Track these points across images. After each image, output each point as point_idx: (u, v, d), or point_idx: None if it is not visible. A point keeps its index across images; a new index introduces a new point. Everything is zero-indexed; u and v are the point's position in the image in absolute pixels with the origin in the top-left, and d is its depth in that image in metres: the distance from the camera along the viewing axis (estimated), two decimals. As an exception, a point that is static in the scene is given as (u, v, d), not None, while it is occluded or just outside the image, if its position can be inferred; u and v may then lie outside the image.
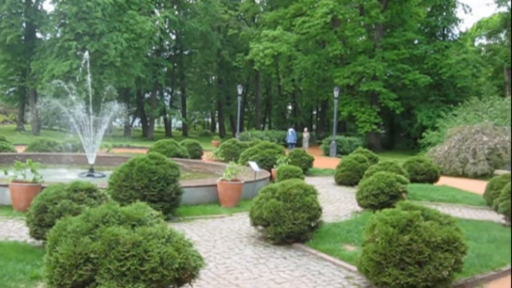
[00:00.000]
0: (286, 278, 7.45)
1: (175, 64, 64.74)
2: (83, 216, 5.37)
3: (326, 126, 64.43)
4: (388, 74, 49.69)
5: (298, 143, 45.21)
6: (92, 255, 4.88)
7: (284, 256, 8.71)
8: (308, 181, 17.55)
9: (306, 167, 22.83)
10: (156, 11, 55.88)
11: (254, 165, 14.45)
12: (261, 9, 66.48)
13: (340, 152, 41.28)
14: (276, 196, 9.43)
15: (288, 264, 8.23)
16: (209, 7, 59.05)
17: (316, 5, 48.92)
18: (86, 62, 25.17)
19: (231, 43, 64.99)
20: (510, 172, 19.30)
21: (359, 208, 13.53)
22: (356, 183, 15.51)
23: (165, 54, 64.93)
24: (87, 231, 5.15)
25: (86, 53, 23.98)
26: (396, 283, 6.60)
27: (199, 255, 5.49)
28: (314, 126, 75.13)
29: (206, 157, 26.65)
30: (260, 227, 9.75)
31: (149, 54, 56.13)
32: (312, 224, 9.61)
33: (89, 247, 4.92)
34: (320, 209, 9.67)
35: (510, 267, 8.60)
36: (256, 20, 68.03)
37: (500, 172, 23.40)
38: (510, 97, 43.13)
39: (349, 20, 50.47)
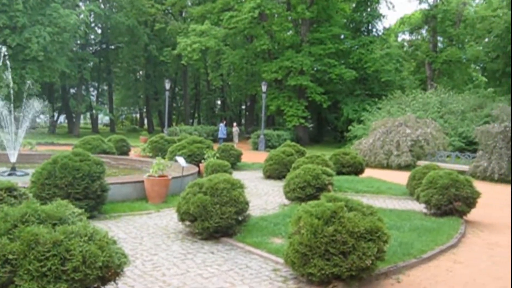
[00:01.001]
0: (213, 273, 7.44)
1: (101, 59, 63.43)
2: (1, 216, 5.19)
3: (255, 120, 64.77)
4: (315, 69, 50.38)
5: (228, 138, 45.28)
6: (10, 256, 4.72)
7: (212, 250, 8.70)
8: (237, 175, 17.61)
9: (235, 161, 22.88)
10: (80, 4, 54.61)
11: (181, 160, 14.36)
12: (189, 3, 66.01)
13: (269, 146, 41.62)
14: (203, 191, 9.41)
15: (216, 258, 8.23)
16: (135, 1, 58.16)
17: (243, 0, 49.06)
18: (6, 56, 24.30)
19: (159, 38, 64.24)
20: (431, 163, 19.99)
21: (286, 201, 13.68)
22: (284, 177, 15.67)
23: (91, 48, 63.53)
24: (5, 232, 4.96)
25: (4, 48, 23.09)
26: (322, 273, 6.71)
27: (123, 253, 5.40)
28: (243, 121, 75.38)
29: (133, 153, 26.26)
30: (187, 223, 9.69)
31: (74, 49, 54.76)
32: (240, 218, 9.64)
33: (7, 248, 4.75)
34: (247, 203, 9.71)
35: (430, 254, 8.92)
36: (183, 14, 67.52)
37: (422, 163, 24.14)
38: (431, 91, 44.62)
39: (276, 15, 50.84)
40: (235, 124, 48.10)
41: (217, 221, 9.15)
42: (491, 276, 8.02)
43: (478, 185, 13.56)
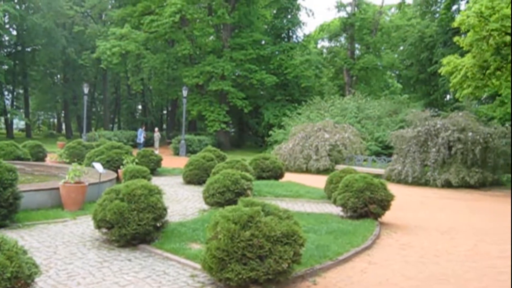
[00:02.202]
0: (130, 281, 7.33)
1: (17, 62, 61.23)
2: None
3: (177, 125, 64.35)
4: (236, 74, 50.63)
5: (149, 143, 44.71)
6: None
7: (129, 258, 8.57)
8: (157, 181, 17.49)
9: (155, 167, 22.67)
10: (-6, 4, 52.58)
11: (98, 166, 14.09)
12: (109, 6, 64.85)
13: (190, 151, 41.44)
14: (120, 197, 9.27)
15: (133, 266, 8.11)
16: (53, 2, 56.58)
17: (164, 4, 48.63)
18: None
19: (77, 41, 62.72)
20: (348, 166, 20.48)
21: (206, 207, 13.66)
22: (204, 182, 15.65)
23: (5, 50, 61.21)
24: None
25: None
26: (239, 278, 6.75)
27: (34, 263, 5.26)
28: (164, 126, 74.71)
29: (49, 159, 25.50)
30: (104, 230, 9.52)
31: (-14, 51, 52.70)
32: (158, 224, 9.56)
33: None
34: (165, 209, 9.64)
35: (346, 256, 9.14)
36: (103, 17, 66.26)
37: (340, 167, 24.70)
38: (349, 97, 45.70)
39: (197, 20, 50.72)
40: (156, 129, 47.62)
41: (134, 227, 9.02)
42: (403, 275, 8.29)
43: (393, 188, 14.03)
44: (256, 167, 20.70)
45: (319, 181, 20.98)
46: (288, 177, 22.80)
